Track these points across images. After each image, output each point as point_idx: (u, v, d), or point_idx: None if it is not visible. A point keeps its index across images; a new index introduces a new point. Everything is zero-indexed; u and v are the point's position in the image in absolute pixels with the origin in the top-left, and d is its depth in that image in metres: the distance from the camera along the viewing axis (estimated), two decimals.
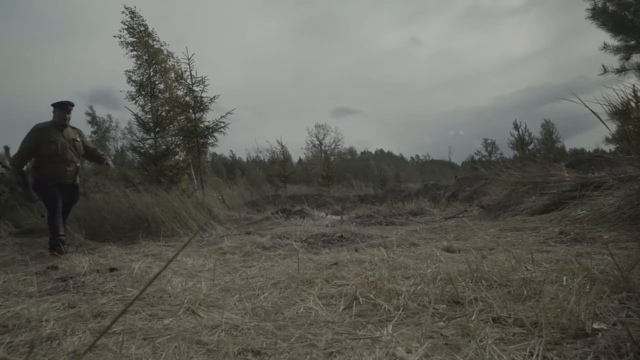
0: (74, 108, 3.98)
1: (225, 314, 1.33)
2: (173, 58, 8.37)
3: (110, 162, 4.16)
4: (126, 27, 7.91)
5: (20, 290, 1.92)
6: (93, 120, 26.26)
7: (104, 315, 1.44)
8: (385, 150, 46.90)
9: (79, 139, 4.02)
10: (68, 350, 1.10)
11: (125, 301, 1.64)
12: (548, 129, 26.03)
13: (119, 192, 5.11)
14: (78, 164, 3.95)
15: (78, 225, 4.34)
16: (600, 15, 3.54)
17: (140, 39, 7.97)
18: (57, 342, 1.17)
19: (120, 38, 7.92)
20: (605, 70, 3.72)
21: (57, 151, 3.76)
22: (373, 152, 44.00)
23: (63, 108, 3.87)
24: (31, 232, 5.37)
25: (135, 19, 7.94)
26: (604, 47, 3.66)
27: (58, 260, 2.81)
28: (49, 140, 3.73)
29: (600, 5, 3.54)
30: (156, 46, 8.07)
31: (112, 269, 2.28)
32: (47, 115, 3.87)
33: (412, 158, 47.52)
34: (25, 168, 3.95)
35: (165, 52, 8.20)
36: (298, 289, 1.54)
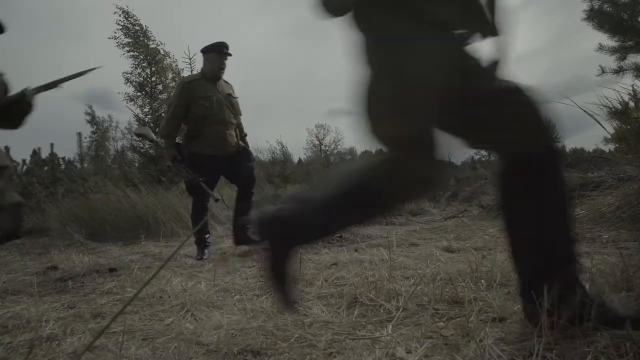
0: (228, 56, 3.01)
1: (225, 314, 1.33)
2: (170, 57, 8.34)
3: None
4: (121, 27, 7.87)
5: (19, 291, 1.92)
6: (93, 120, 26.24)
7: (103, 315, 1.44)
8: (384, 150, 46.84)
9: (235, 95, 3.15)
10: (68, 350, 1.10)
11: (124, 301, 1.64)
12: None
13: (119, 192, 5.10)
14: (237, 128, 3.06)
15: (78, 225, 4.33)
16: (597, 16, 3.55)
17: (136, 39, 7.93)
18: (56, 342, 1.17)
19: (116, 40, 7.89)
20: (602, 71, 3.72)
21: (213, 110, 2.90)
22: (373, 152, 44.00)
23: (218, 52, 2.96)
24: (31, 232, 5.36)
25: (129, 18, 7.91)
26: (599, 48, 3.67)
27: (58, 260, 2.80)
28: (201, 97, 2.89)
29: (597, 6, 3.55)
30: (152, 46, 8.03)
31: (111, 269, 2.28)
32: (41, 119, 3.55)
33: None
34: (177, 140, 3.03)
35: (162, 51, 8.17)
36: (298, 289, 1.54)
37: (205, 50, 2.97)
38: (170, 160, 2.94)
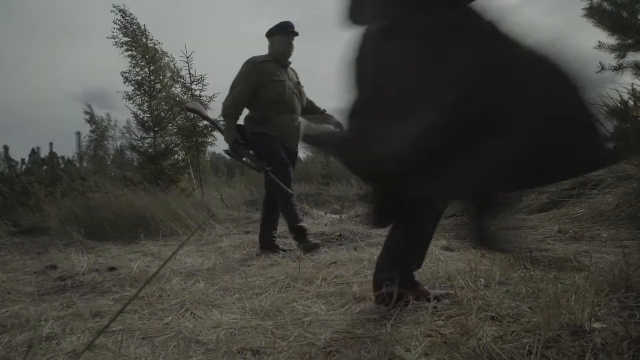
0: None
1: (224, 313, 1.33)
2: (168, 57, 8.34)
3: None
4: (119, 26, 7.87)
5: (19, 290, 1.92)
6: (92, 119, 26.20)
7: (103, 314, 1.44)
8: None
9: (302, 85, 2.87)
10: (67, 349, 1.10)
11: (124, 301, 1.64)
12: None
13: (118, 192, 5.10)
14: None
15: (77, 224, 4.33)
16: (597, 14, 3.55)
17: (135, 38, 7.93)
18: (56, 341, 1.17)
19: (114, 39, 7.88)
20: (602, 68, 3.72)
21: (285, 96, 2.63)
22: None
23: (285, 32, 2.69)
24: (30, 231, 5.36)
25: (126, 17, 7.90)
26: (599, 46, 3.67)
27: (57, 260, 2.79)
28: (274, 80, 2.61)
29: (597, 4, 3.55)
30: (150, 45, 8.03)
31: (111, 269, 2.28)
32: (40, 119, 3.46)
33: None
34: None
35: (160, 51, 8.16)
36: (297, 288, 1.54)
37: (271, 33, 2.74)
38: (230, 144, 2.62)
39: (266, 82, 2.60)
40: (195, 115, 2.70)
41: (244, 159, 2.65)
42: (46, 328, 1.27)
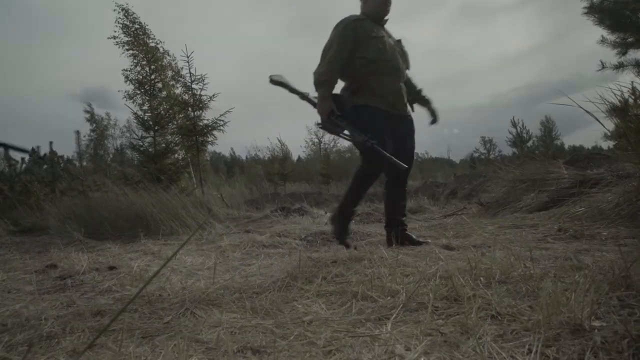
0: None
1: (224, 312, 1.33)
2: (169, 56, 8.34)
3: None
4: (120, 25, 7.86)
5: (19, 289, 1.92)
6: (92, 118, 26.16)
7: (103, 313, 1.44)
8: None
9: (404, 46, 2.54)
10: (67, 348, 1.10)
11: (124, 300, 1.64)
12: (548, 126, 26.03)
13: (118, 191, 5.10)
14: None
15: (77, 223, 4.33)
16: (597, 12, 3.54)
17: (136, 37, 7.92)
18: (56, 340, 1.17)
19: (115, 38, 7.88)
20: (603, 66, 3.72)
21: (386, 53, 2.32)
22: None
23: None
24: (30, 230, 5.36)
25: (128, 16, 7.90)
26: (601, 41, 3.67)
27: (57, 258, 2.79)
28: (372, 36, 2.31)
29: (597, 2, 3.55)
30: (151, 44, 8.03)
31: (111, 268, 2.28)
32: (40, 118, 3.28)
33: None
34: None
35: (161, 50, 8.16)
36: (297, 287, 1.54)
37: None
38: (325, 116, 2.29)
39: (362, 40, 2.30)
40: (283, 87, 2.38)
41: (344, 132, 2.29)
42: (46, 327, 1.27)
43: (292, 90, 2.53)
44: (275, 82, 2.51)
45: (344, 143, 36.17)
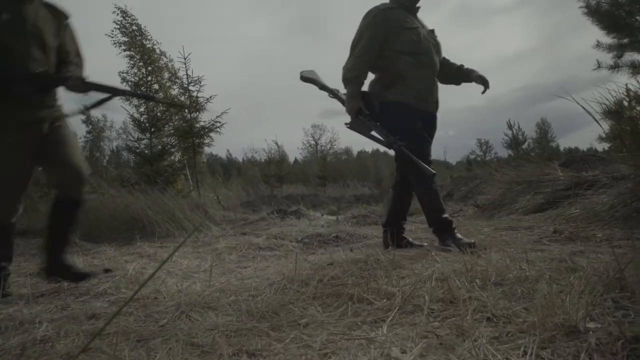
0: None
1: (220, 315, 1.32)
2: (166, 57, 8.33)
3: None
4: (118, 26, 7.85)
5: (13, 292, 1.90)
6: (87, 120, 26.07)
7: (98, 316, 1.43)
8: (382, 149, 46.91)
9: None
10: (61, 352, 1.09)
11: (119, 302, 1.63)
12: (544, 128, 26.19)
13: (114, 193, 5.08)
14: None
15: None
16: (593, 14, 3.58)
17: (133, 38, 7.91)
18: (50, 344, 1.16)
19: (112, 38, 7.86)
20: (599, 66, 3.75)
21: (421, 46, 2.17)
22: (370, 151, 43.94)
23: None
24: (25, 233, 5.32)
25: (127, 18, 7.89)
26: (597, 45, 3.70)
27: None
28: (405, 27, 2.15)
29: (593, 4, 3.58)
30: (148, 45, 8.02)
31: (106, 270, 2.27)
32: None
33: None
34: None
35: (158, 51, 8.15)
36: (293, 290, 1.54)
37: None
38: (353, 115, 2.17)
39: (395, 30, 2.14)
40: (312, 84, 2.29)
41: (371, 133, 2.18)
42: (40, 330, 1.26)
43: (323, 87, 2.43)
44: (306, 78, 2.45)
45: (341, 145, 36.25)
